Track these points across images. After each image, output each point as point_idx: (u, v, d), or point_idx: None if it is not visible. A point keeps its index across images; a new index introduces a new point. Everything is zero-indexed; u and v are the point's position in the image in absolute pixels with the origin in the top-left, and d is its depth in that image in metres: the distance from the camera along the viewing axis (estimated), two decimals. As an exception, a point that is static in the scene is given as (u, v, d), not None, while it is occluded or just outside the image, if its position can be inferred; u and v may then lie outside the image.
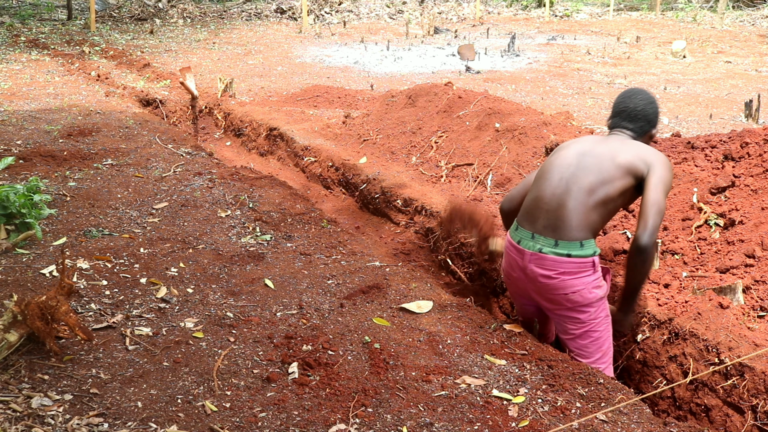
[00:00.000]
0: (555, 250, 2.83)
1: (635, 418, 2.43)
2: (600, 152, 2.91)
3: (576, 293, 2.86)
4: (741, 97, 7.99)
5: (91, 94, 7.43)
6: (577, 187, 2.86)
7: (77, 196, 4.25)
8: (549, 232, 2.86)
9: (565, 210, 2.85)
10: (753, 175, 3.81)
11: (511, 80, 9.14)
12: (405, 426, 2.29)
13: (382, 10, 17.12)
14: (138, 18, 14.83)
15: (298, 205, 4.41)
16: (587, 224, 2.86)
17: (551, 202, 2.89)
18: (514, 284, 3.07)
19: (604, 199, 2.85)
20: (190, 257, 3.49)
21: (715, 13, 15.64)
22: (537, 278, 2.88)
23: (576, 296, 2.86)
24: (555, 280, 2.85)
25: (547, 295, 2.91)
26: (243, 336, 2.79)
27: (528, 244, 2.89)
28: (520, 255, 2.92)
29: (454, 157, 5.28)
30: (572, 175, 2.89)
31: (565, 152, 3.00)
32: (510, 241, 2.99)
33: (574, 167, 2.91)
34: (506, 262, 3.05)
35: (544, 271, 2.85)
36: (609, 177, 2.84)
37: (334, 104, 7.65)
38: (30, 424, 2.16)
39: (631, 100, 3.01)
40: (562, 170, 2.93)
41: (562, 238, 2.84)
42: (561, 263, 2.82)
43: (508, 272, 3.05)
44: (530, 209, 2.95)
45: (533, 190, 3.00)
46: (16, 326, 2.45)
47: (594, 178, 2.85)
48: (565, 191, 2.87)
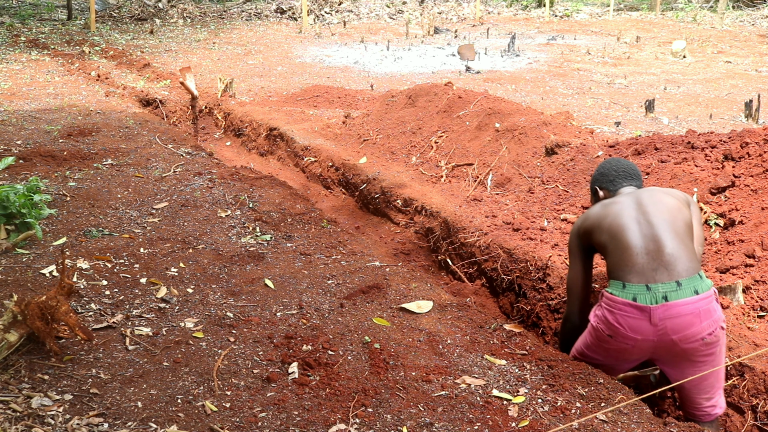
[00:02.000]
0: (680, 293, 2.61)
1: (635, 418, 2.43)
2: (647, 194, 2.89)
3: (712, 335, 2.64)
4: (741, 97, 7.99)
5: (91, 94, 7.43)
6: (659, 220, 2.76)
7: (77, 196, 4.25)
8: (663, 275, 2.65)
9: (665, 245, 2.70)
10: (753, 175, 3.81)
11: (511, 80, 9.14)
12: (405, 426, 2.29)
13: (382, 10, 17.12)
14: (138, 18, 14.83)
15: (298, 205, 4.41)
16: (691, 252, 2.73)
17: (647, 245, 2.72)
18: (630, 348, 2.72)
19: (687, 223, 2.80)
20: (190, 257, 3.49)
21: (715, 13, 15.64)
22: (671, 330, 2.62)
23: (711, 338, 2.64)
24: (692, 328, 2.60)
25: (681, 347, 2.64)
26: (243, 336, 2.79)
27: (646, 298, 2.63)
28: (643, 313, 2.63)
29: (454, 157, 5.28)
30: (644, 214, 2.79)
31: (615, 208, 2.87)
32: (620, 300, 2.69)
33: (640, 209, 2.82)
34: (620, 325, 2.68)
35: (678, 320, 2.60)
36: (675, 206, 2.83)
37: (334, 104, 7.65)
38: (30, 424, 2.16)
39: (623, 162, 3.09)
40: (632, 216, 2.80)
41: (679, 276, 2.65)
42: (692, 304, 2.61)
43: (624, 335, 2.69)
44: (627, 261, 2.72)
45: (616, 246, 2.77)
46: (16, 326, 2.45)
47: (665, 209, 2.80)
48: (650, 229, 2.74)
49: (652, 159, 4.30)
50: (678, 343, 2.64)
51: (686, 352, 2.67)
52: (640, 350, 2.72)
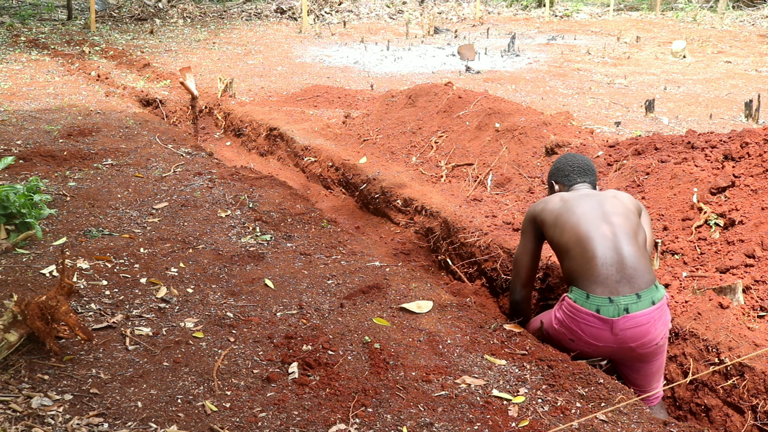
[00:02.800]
0: (639, 305, 2.77)
1: (635, 418, 2.43)
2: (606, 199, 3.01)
3: (663, 337, 2.85)
4: (741, 97, 7.99)
5: (91, 94, 7.43)
6: (622, 233, 2.87)
7: (77, 196, 4.25)
8: (625, 288, 2.79)
9: (627, 258, 2.83)
10: (753, 175, 3.81)
11: (511, 80, 9.14)
12: (405, 426, 2.29)
13: (382, 10, 17.11)
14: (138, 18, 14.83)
15: (298, 205, 4.41)
16: (647, 264, 2.87)
17: (611, 256, 2.83)
18: (591, 351, 2.90)
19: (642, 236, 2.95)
20: (190, 257, 3.49)
21: (715, 13, 15.64)
22: (630, 339, 2.78)
23: (663, 340, 2.86)
24: (649, 335, 2.79)
25: (639, 352, 2.84)
26: (243, 336, 2.79)
27: (609, 311, 2.77)
28: (606, 324, 2.78)
29: (454, 157, 5.28)
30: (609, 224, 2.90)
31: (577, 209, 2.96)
32: (583, 311, 2.82)
33: (603, 217, 2.92)
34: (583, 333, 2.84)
35: (637, 329, 2.77)
36: (634, 219, 2.97)
37: (334, 104, 7.65)
38: (30, 424, 2.16)
39: (579, 158, 3.22)
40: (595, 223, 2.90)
41: (639, 288, 2.79)
42: (649, 315, 2.78)
43: (586, 342, 2.86)
44: (590, 271, 2.83)
45: (579, 253, 2.87)
46: (16, 326, 2.45)
47: (626, 221, 2.92)
48: (614, 241, 2.85)
49: (652, 159, 4.30)
50: (635, 349, 2.83)
51: (641, 356, 2.87)
52: (599, 353, 2.90)
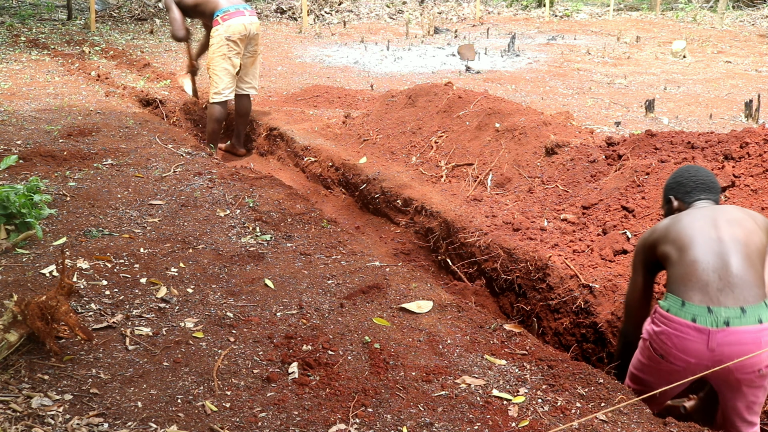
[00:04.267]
0: (744, 320, 2.46)
1: (635, 418, 2.43)
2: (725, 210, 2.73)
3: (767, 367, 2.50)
4: (741, 97, 7.99)
5: (91, 94, 7.43)
6: (731, 241, 2.58)
7: (77, 196, 4.25)
8: (728, 299, 2.48)
9: (732, 266, 2.53)
10: (753, 175, 3.81)
11: (511, 80, 9.14)
12: (405, 426, 2.29)
13: (382, 10, 17.11)
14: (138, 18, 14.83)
15: (298, 205, 4.41)
16: (759, 278, 2.54)
17: (714, 262, 2.54)
18: (682, 370, 2.58)
19: (759, 248, 2.60)
20: (190, 257, 3.49)
21: (715, 13, 15.64)
22: (728, 358, 2.47)
23: (767, 370, 2.52)
24: (752, 359, 2.46)
25: (735, 376, 2.52)
26: (243, 336, 2.79)
27: (707, 320, 2.47)
28: (702, 335, 2.48)
29: (454, 157, 5.28)
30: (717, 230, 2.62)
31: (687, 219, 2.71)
32: (677, 320, 2.53)
33: (714, 224, 2.64)
34: (674, 346, 2.55)
35: (738, 347, 2.46)
36: (752, 228, 2.64)
37: (334, 104, 7.65)
38: (30, 424, 2.16)
39: (702, 172, 2.90)
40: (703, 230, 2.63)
41: (746, 302, 2.48)
42: (754, 334, 2.46)
43: (677, 357, 2.56)
44: (690, 276, 2.56)
45: (681, 259, 2.61)
46: (16, 326, 2.45)
47: (741, 229, 2.62)
48: (720, 248, 2.57)
49: (652, 159, 4.30)
50: (733, 372, 2.51)
51: (740, 381, 2.55)
52: (692, 373, 2.58)
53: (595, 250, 3.76)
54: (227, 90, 6.18)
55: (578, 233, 4.02)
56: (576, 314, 3.55)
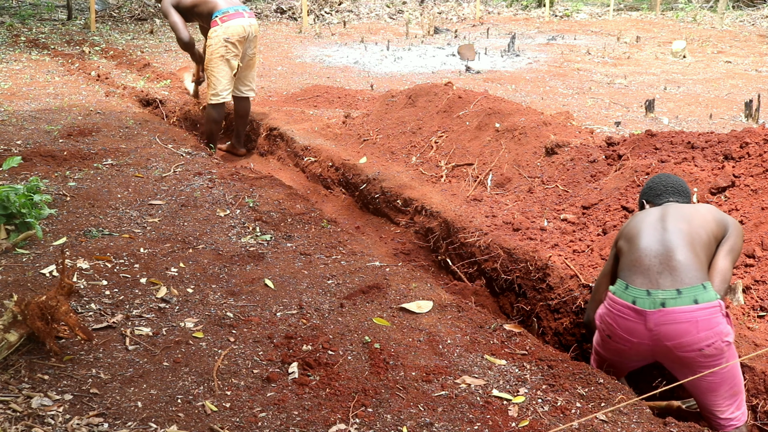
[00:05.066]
0: (679, 300, 2.63)
1: (635, 418, 2.43)
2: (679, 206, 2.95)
3: (711, 346, 2.63)
4: (741, 97, 7.99)
5: (91, 94, 7.43)
6: (676, 230, 2.79)
7: (77, 196, 4.25)
8: (666, 281, 2.68)
9: (675, 252, 2.73)
10: (753, 175, 3.81)
11: (511, 80, 9.14)
12: (405, 426, 2.29)
13: (382, 10, 17.11)
14: (138, 18, 14.83)
15: (298, 205, 4.41)
16: (701, 263, 2.73)
17: (657, 248, 2.76)
18: (628, 349, 2.78)
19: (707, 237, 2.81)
20: (190, 257, 3.49)
21: (715, 13, 15.64)
22: (665, 337, 2.64)
23: (710, 350, 2.63)
24: (687, 336, 2.61)
25: (676, 354, 2.66)
26: (243, 336, 2.79)
27: (645, 303, 2.67)
28: (640, 317, 2.68)
29: (454, 157, 5.28)
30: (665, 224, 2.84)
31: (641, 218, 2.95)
32: (620, 302, 2.75)
33: (663, 219, 2.87)
34: (618, 326, 2.76)
35: (673, 327, 2.62)
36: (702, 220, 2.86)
37: (334, 104, 7.65)
38: (30, 424, 2.16)
39: (672, 178, 3.14)
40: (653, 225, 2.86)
41: (682, 284, 2.66)
42: (689, 313, 2.61)
43: (620, 337, 2.76)
44: (635, 263, 2.78)
45: (630, 250, 2.84)
46: (16, 326, 2.45)
47: (688, 221, 2.84)
48: (665, 236, 2.79)
49: (652, 159, 4.30)
50: (673, 350, 2.66)
51: (683, 360, 2.68)
52: (637, 352, 2.78)
53: (595, 250, 3.76)
54: (225, 92, 6.16)
55: (578, 233, 4.02)
56: (576, 314, 3.55)
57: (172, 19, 6.10)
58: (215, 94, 6.13)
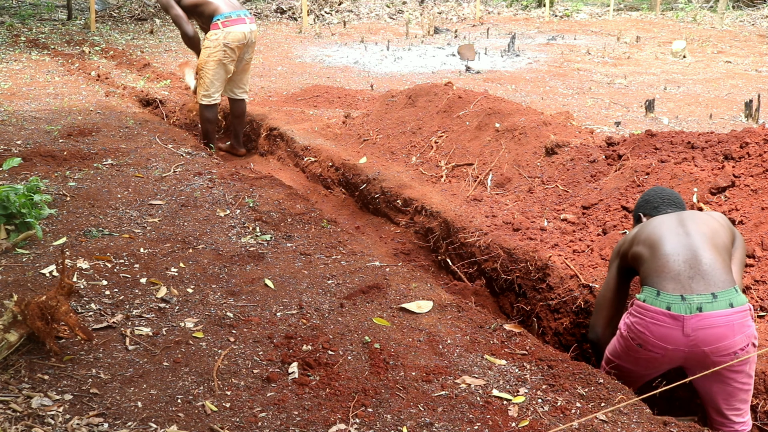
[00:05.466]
0: (715, 305, 2.60)
1: (635, 418, 2.43)
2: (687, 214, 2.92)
3: (744, 350, 2.61)
4: (741, 97, 7.99)
5: (91, 94, 7.43)
6: (698, 234, 2.77)
7: (77, 196, 4.25)
8: (700, 285, 2.63)
9: (702, 256, 2.70)
10: (753, 175, 3.81)
11: (511, 80, 9.14)
12: (405, 426, 2.29)
13: (382, 10, 17.11)
14: (138, 18, 14.82)
15: (298, 205, 4.41)
16: (727, 267, 2.71)
17: (684, 252, 2.71)
18: (660, 358, 2.72)
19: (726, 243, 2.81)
20: (190, 257, 3.49)
21: (715, 13, 15.64)
22: (704, 342, 2.60)
23: (743, 354, 2.62)
24: (725, 341, 2.59)
25: (712, 359, 2.61)
26: (243, 336, 2.79)
27: (681, 308, 2.61)
28: (677, 322, 2.61)
29: (454, 157, 5.28)
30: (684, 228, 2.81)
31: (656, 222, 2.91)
32: (653, 309, 2.67)
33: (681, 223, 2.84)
34: (651, 334, 2.68)
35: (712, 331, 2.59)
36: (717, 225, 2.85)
37: (334, 104, 7.65)
38: (30, 424, 2.16)
39: (666, 190, 3.15)
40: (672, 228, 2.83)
41: (717, 288, 2.63)
42: (727, 317, 2.59)
43: (655, 345, 2.68)
44: (663, 268, 2.72)
45: (653, 254, 2.78)
46: (16, 326, 2.45)
47: (706, 227, 2.83)
48: (689, 240, 2.75)
49: (652, 159, 4.30)
50: (709, 355, 2.62)
51: (715, 365, 2.63)
52: (670, 360, 2.71)
53: (595, 250, 3.76)
54: (216, 93, 6.16)
55: (578, 233, 4.02)
56: (576, 314, 3.55)
57: (174, 12, 6.03)
58: (207, 96, 6.13)
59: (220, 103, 6.36)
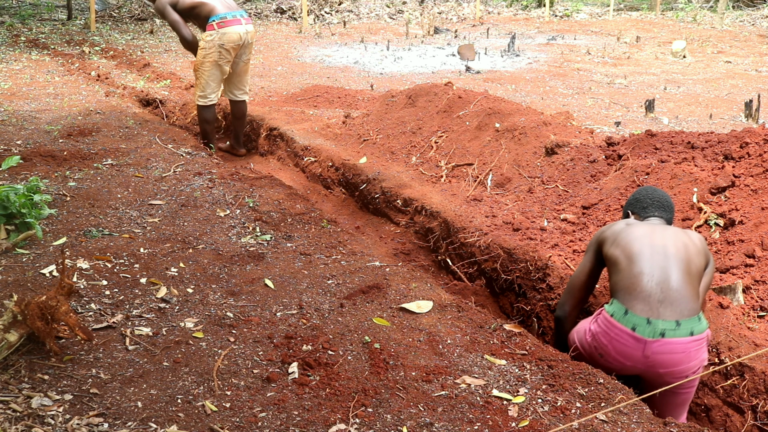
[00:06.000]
0: (678, 332, 2.72)
1: (635, 418, 2.43)
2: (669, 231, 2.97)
3: (697, 370, 2.79)
4: (741, 97, 7.99)
5: (91, 94, 7.43)
6: (674, 258, 2.83)
7: (77, 196, 4.25)
8: (666, 311, 2.74)
9: (673, 281, 2.78)
10: (753, 175, 3.81)
11: (511, 80, 9.14)
12: (405, 426, 2.29)
13: (382, 10, 17.11)
14: (138, 18, 14.83)
15: (298, 205, 4.41)
16: (695, 293, 2.81)
17: (658, 275, 2.79)
18: (619, 368, 2.85)
19: (699, 268, 2.88)
20: (190, 257, 3.49)
21: (715, 13, 15.64)
22: (660, 365, 2.75)
23: (695, 372, 2.79)
24: (682, 365, 2.75)
25: (666, 379, 2.78)
26: (243, 336, 2.79)
27: (645, 331, 2.73)
28: (639, 344, 2.74)
29: (454, 157, 5.28)
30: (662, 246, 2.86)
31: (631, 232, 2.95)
32: (618, 327, 2.79)
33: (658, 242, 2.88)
34: (613, 349, 2.81)
35: (670, 356, 2.73)
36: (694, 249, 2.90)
37: (334, 104, 7.65)
38: (30, 424, 2.16)
39: (658, 192, 3.19)
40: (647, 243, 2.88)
41: (681, 315, 2.73)
42: (686, 344, 2.72)
43: (615, 359, 2.82)
44: (634, 286, 2.81)
45: (627, 268, 2.86)
46: (16, 326, 2.45)
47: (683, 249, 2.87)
48: (664, 262, 2.82)
49: (652, 159, 4.30)
50: (663, 376, 2.79)
51: (670, 380, 2.79)
52: (627, 372, 2.86)
53: (595, 250, 3.76)
54: (213, 94, 6.15)
55: (578, 233, 4.02)
56: (576, 314, 3.54)
57: (171, 18, 6.04)
58: (203, 96, 6.13)
59: (218, 103, 6.35)
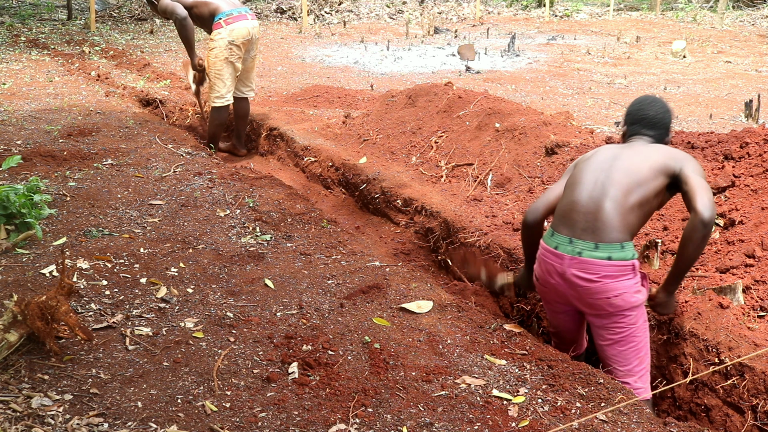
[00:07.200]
0: (595, 253, 2.83)
1: (635, 418, 2.43)
2: (630, 156, 2.98)
3: (618, 297, 2.84)
4: (741, 97, 7.99)
5: (91, 94, 7.43)
6: (614, 189, 2.89)
7: (77, 196, 4.25)
8: (588, 235, 2.86)
9: (603, 212, 2.86)
10: (753, 175, 3.81)
11: (511, 80, 9.14)
12: (405, 426, 2.29)
13: (382, 10, 17.11)
14: (138, 18, 14.82)
15: (298, 205, 4.41)
16: (626, 226, 2.87)
17: (588, 205, 2.90)
18: (551, 291, 3.03)
19: (641, 200, 2.90)
20: (190, 257, 3.49)
21: (715, 13, 15.64)
22: (577, 283, 2.86)
23: (618, 300, 2.84)
24: (597, 284, 2.84)
25: (587, 300, 2.89)
26: (243, 336, 2.79)
27: (566, 249, 2.88)
28: (559, 260, 2.90)
29: (454, 157, 5.28)
30: (607, 177, 2.93)
31: (595, 158, 3.05)
32: (546, 247, 2.98)
33: (608, 171, 2.95)
34: (542, 269, 3.02)
35: (585, 275, 2.84)
36: (644, 178, 2.91)
37: (334, 104, 7.65)
38: (30, 424, 2.16)
39: (651, 108, 3.12)
40: (596, 174, 2.97)
41: (601, 240, 2.83)
42: (602, 266, 2.82)
43: (544, 279, 3.01)
44: (566, 214, 2.96)
45: (567, 195, 3.01)
46: (16, 326, 2.45)
47: (629, 180, 2.90)
48: (601, 193, 2.89)
49: (652, 159, 4.29)
50: (583, 296, 2.88)
51: (593, 307, 2.89)
52: (557, 294, 2.99)
53: (595, 250, 3.76)
54: (229, 94, 6.17)
55: (578, 233, 4.02)
56: (576, 314, 3.54)
57: (163, 2, 5.97)
58: (219, 97, 6.13)
59: (232, 102, 6.34)
